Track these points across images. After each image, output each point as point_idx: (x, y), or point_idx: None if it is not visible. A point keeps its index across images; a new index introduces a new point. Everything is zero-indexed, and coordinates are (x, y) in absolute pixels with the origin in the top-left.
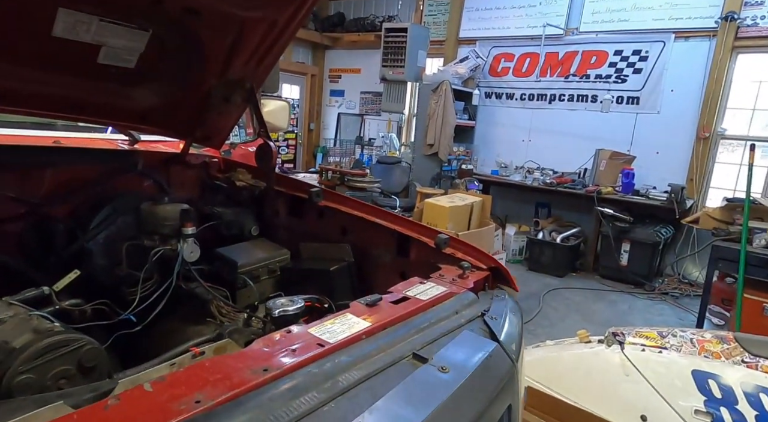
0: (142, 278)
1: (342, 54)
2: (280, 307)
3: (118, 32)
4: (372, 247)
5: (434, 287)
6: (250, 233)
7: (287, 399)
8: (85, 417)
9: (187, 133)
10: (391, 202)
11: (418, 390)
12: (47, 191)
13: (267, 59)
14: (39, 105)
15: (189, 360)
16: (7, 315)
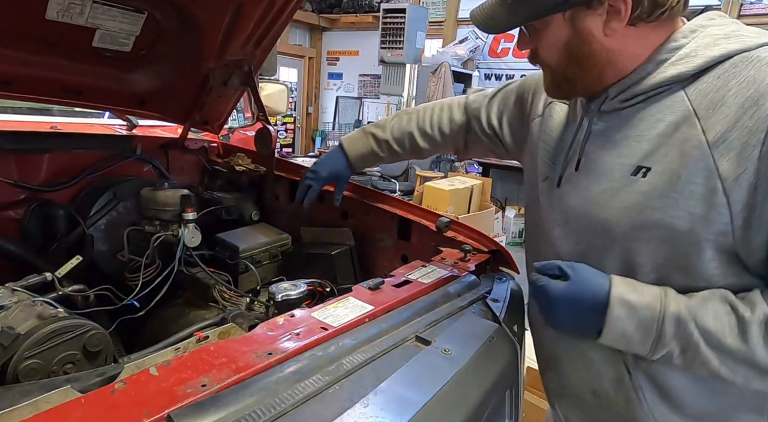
0: (144, 263)
1: (340, 36)
2: (282, 291)
3: (113, 14)
4: (373, 231)
5: (436, 270)
6: (251, 217)
7: (292, 381)
8: (93, 402)
9: (185, 117)
10: (391, 186)
11: (422, 372)
12: (46, 177)
13: (265, 41)
14: (35, 90)
15: (193, 345)
16: (11, 302)
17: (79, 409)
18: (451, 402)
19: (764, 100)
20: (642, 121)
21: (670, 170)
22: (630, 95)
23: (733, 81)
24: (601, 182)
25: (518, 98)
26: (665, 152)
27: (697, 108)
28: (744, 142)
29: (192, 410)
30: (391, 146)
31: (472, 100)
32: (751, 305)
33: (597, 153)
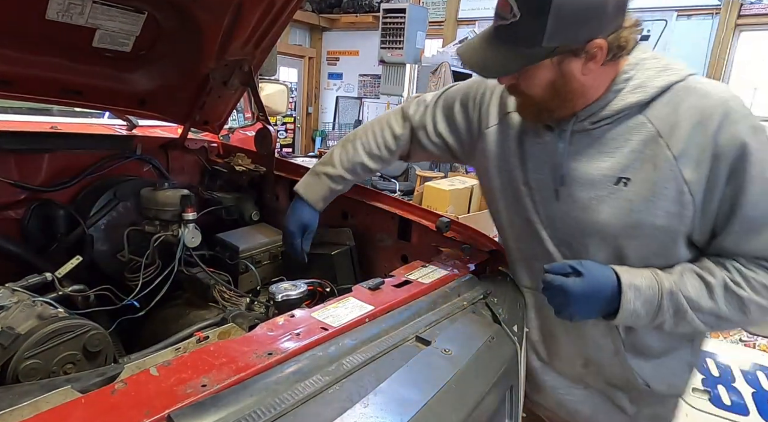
0: (144, 263)
1: (340, 36)
2: (282, 291)
3: (113, 15)
4: (373, 231)
5: (436, 270)
6: (251, 218)
7: (292, 382)
8: (93, 402)
9: (185, 117)
10: (391, 186)
11: (422, 372)
12: (46, 177)
13: (265, 41)
14: (35, 90)
15: (194, 345)
16: (11, 302)
17: (79, 409)
18: (451, 402)
19: (708, 123)
20: (613, 140)
21: (648, 180)
22: (598, 118)
23: (681, 107)
24: (588, 191)
25: (463, 106)
26: (640, 165)
27: (660, 130)
28: (698, 154)
29: (192, 410)
30: (345, 177)
31: (413, 111)
32: (711, 272)
33: (574, 165)
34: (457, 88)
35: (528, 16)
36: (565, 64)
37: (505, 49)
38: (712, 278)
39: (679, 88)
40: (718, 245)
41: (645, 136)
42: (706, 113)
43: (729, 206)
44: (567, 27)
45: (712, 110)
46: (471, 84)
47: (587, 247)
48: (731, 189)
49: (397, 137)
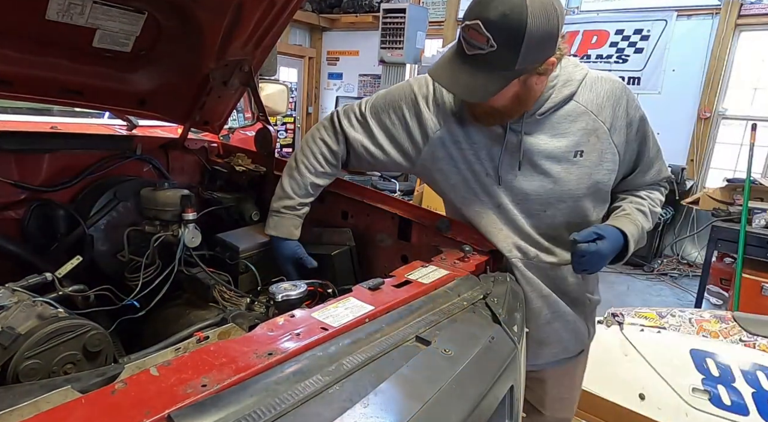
0: (144, 263)
1: (340, 36)
2: (282, 292)
3: (113, 15)
4: (373, 231)
5: (436, 270)
6: (251, 218)
7: (292, 382)
8: (93, 402)
9: (185, 117)
10: (391, 186)
11: (422, 372)
12: (46, 177)
13: (265, 41)
14: (35, 90)
15: (194, 345)
16: (11, 302)
17: (79, 409)
18: (451, 402)
19: (621, 101)
20: (559, 123)
21: (596, 150)
22: (544, 110)
23: (601, 92)
24: (554, 166)
25: (398, 117)
26: (587, 139)
27: (592, 110)
28: (620, 124)
29: (192, 410)
30: (305, 202)
31: (347, 125)
32: (642, 205)
33: (537, 149)
34: (385, 100)
35: (504, 47)
36: (529, 79)
37: (483, 75)
38: (643, 207)
39: (589, 78)
40: (628, 182)
41: (584, 115)
42: (616, 95)
43: (636, 155)
44: (534, 53)
45: (619, 92)
46: (398, 94)
47: (553, 213)
48: (638, 144)
49: (334, 152)
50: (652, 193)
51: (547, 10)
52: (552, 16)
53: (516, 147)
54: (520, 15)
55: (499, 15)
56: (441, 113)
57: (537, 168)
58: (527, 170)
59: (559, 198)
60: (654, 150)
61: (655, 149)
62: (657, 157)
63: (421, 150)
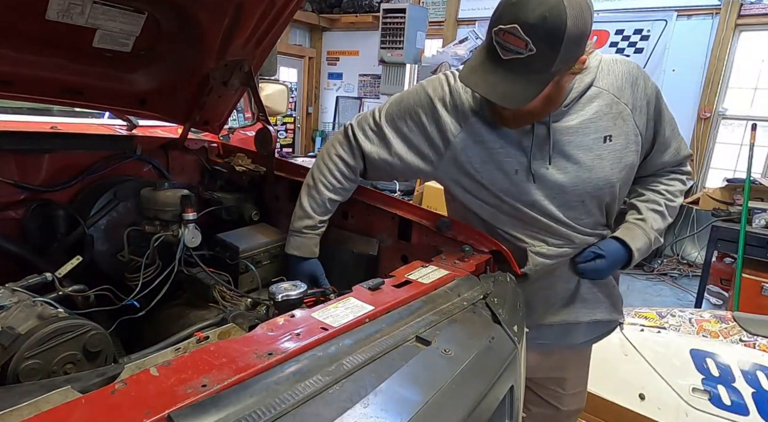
0: (144, 263)
1: (340, 36)
2: (282, 292)
3: (113, 15)
4: (373, 231)
5: (436, 270)
6: (251, 218)
7: (292, 382)
8: (93, 402)
9: (185, 117)
10: (391, 186)
11: (422, 372)
12: (46, 177)
13: (265, 41)
14: (35, 90)
15: (194, 345)
16: (11, 302)
17: (79, 409)
18: (451, 402)
19: (638, 81)
20: (585, 110)
21: (622, 133)
22: (569, 101)
23: (618, 74)
24: (587, 154)
25: (415, 123)
26: (614, 123)
27: (614, 93)
28: (641, 104)
29: (192, 410)
30: (324, 220)
31: (362, 138)
32: (656, 202)
33: (566, 139)
34: (399, 107)
35: (543, 51)
36: (561, 80)
37: (522, 80)
38: (659, 206)
39: (604, 63)
40: (647, 164)
41: (607, 100)
42: (633, 75)
43: (653, 133)
44: (570, 53)
45: (636, 72)
46: (413, 99)
47: (590, 201)
48: (655, 122)
49: (352, 167)
50: (672, 184)
51: (582, 7)
52: (587, 13)
53: (545, 140)
54: (560, 16)
55: (539, 17)
56: (460, 114)
57: (570, 159)
58: (560, 161)
59: (596, 186)
60: (670, 128)
61: (671, 127)
62: (674, 135)
63: (442, 155)
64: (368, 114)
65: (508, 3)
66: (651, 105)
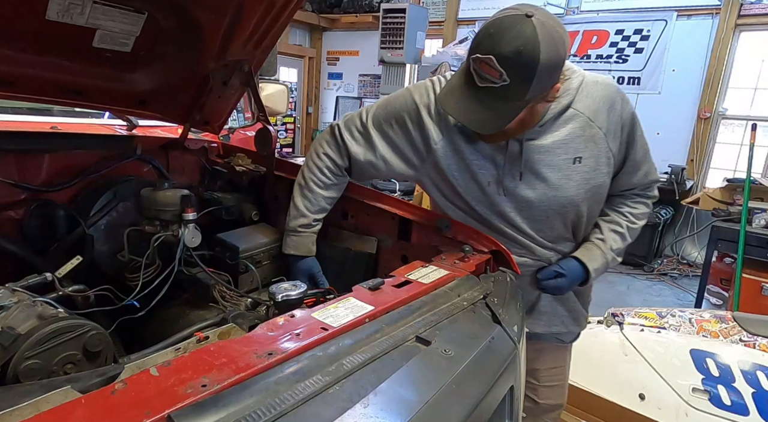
0: (144, 263)
1: (340, 36)
2: (282, 292)
3: (113, 15)
4: (373, 231)
5: (436, 270)
6: (251, 218)
7: (293, 382)
8: (93, 402)
9: (185, 117)
10: (391, 186)
11: (422, 372)
12: (46, 177)
13: (265, 41)
14: (35, 90)
15: (194, 345)
16: (11, 302)
17: (79, 409)
18: (451, 402)
19: (615, 106)
20: (559, 131)
21: (593, 155)
22: (543, 122)
23: (597, 97)
24: (555, 173)
25: (400, 127)
26: (585, 145)
27: (589, 116)
28: (615, 128)
29: (192, 410)
30: (318, 218)
31: (348, 139)
32: (618, 224)
33: (537, 157)
34: (386, 110)
35: (516, 81)
36: (535, 105)
37: (494, 107)
38: (621, 228)
39: (585, 84)
40: (617, 182)
41: (581, 122)
42: (611, 99)
43: (624, 155)
44: (544, 84)
45: (614, 96)
46: (400, 104)
47: (554, 217)
48: (627, 145)
49: (339, 165)
50: (636, 207)
51: (555, 40)
52: (560, 46)
53: (517, 157)
54: (534, 50)
55: (513, 51)
56: (443, 123)
57: (539, 176)
58: (529, 178)
59: (560, 204)
60: (642, 152)
61: (643, 151)
62: (645, 159)
63: (424, 159)
64: (355, 116)
65: (486, 33)
66: (625, 129)
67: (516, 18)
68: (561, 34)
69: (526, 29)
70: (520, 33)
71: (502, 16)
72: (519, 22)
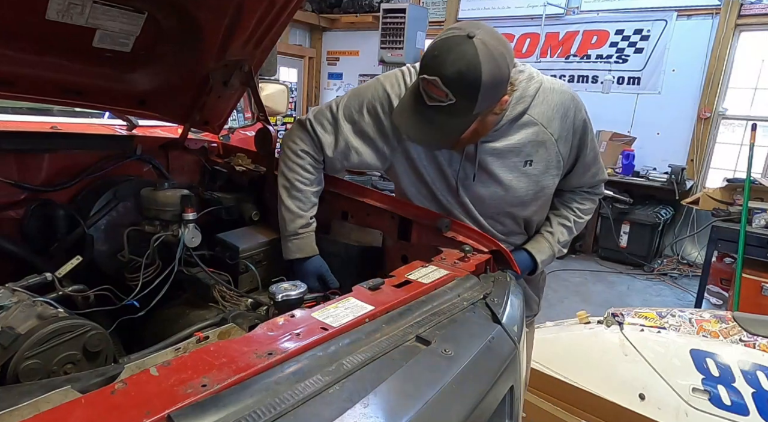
0: (144, 263)
1: (340, 36)
2: (282, 292)
3: (113, 15)
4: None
5: (436, 270)
6: (251, 218)
7: (292, 382)
8: (93, 402)
9: (185, 117)
10: (391, 186)
11: (422, 372)
12: (46, 177)
13: (265, 41)
14: (35, 90)
15: (194, 345)
16: (11, 302)
17: (79, 409)
18: (451, 402)
19: (569, 113)
20: (514, 136)
21: (543, 159)
22: (498, 127)
23: (551, 104)
24: (507, 175)
25: (372, 117)
26: (536, 150)
27: (542, 123)
28: (566, 134)
29: (192, 410)
30: (313, 215)
31: (320, 131)
32: (566, 218)
33: (491, 159)
34: (358, 100)
35: (461, 100)
36: (485, 118)
37: (445, 124)
38: (568, 222)
39: (542, 91)
40: (567, 180)
41: (535, 129)
42: (565, 106)
43: (575, 158)
44: (488, 100)
45: (568, 103)
46: (371, 93)
47: (505, 214)
48: (577, 149)
49: (317, 159)
50: (583, 204)
51: (497, 58)
52: (503, 63)
53: (473, 158)
54: (475, 70)
55: (455, 73)
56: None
57: (492, 177)
58: (483, 178)
59: (510, 203)
60: (592, 155)
61: (593, 155)
62: (594, 162)
63: (396, 149)
64: (325, 108)
65: (431, 54)
66: (576, 135)
67: (459, 39)
68: (503, 52)
69: (468, 50)
70: (463, 54)
71: (446, 37)
72: (461, 43)
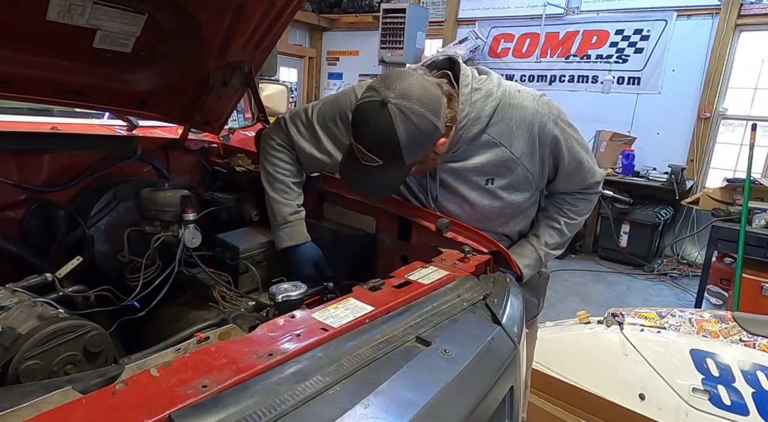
0: (144, 264)
1: (340, 36)
2: (283, 292)
3: (113, 15)
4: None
5: (436, 271)
6: (251, 218)
7: (293, 382)
8: (94, 402)
9: (185, 118)
10: None
11: (422, 372)
12: (46, 177)
13: (265, 41)
14: (36, 91)
15: (194, 345)
16: (11, 302)
17: (79, 410)
18: (451, 402)
19: (532, 131)
20: (474, 156)
21: (505, 178)
22: (455, 149)
23: (512, 122)
24: (469, 193)
25: (343, 121)
26: (497, 168)
27: (502, 142)
28: (530, 150)
29: (193, 411)
30: (300, 202)
31: (294, 133)
32: (556, 220)
33: (452, 178)
34: (332, 106)
35: (388, 161)
36: (426, 161)
37: (381, 179)
38: (558, 224)
39: (501, 108)
40: (553, 187)
41: (496, 150)
42: (527, 122)
43: (555, 168)
44: (417, 153)
45: (530, 118)
46: (344, 101)
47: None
48: (553, 160)
49: (294, 156)
50: (576, 204)
51: (412, 118)
52: (422, 120)
53: (434, 177)
54: (391, 137)
55: (374, 141)
56: None
57: (456, 193)
58: (447, 195)
59: (477, 220)
60: (574, 164)
61: (575, 163)
62: (579, 169)
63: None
64: (300, 111)
65: (354, 120)
66: (546, 149)
67: (373, 107)
68: (420, 110)
69: (383, 120)
70: (379, 124)
71: (362, 103)
72: (376, 112)
